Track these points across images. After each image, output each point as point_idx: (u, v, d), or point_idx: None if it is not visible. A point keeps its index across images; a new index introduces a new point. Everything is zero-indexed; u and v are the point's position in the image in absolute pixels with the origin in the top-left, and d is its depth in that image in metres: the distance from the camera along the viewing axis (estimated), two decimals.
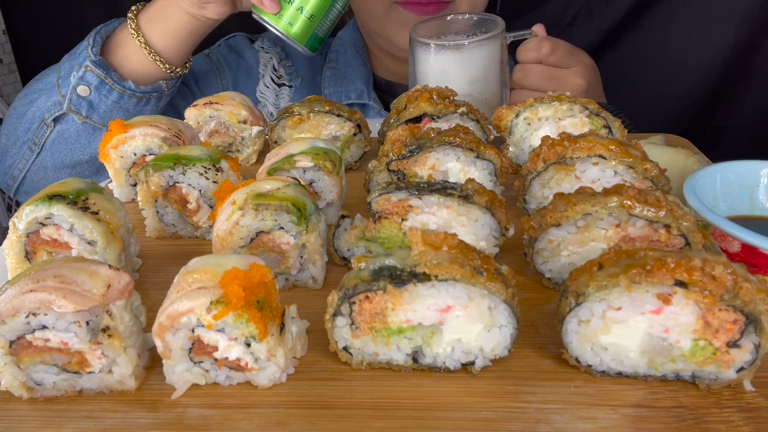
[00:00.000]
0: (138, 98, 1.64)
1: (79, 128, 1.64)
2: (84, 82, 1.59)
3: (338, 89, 1.97)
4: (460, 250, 0.78)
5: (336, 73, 2.00)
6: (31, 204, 0.95)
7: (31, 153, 1.68)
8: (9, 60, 2.92)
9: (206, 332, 0.77)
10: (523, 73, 1.63)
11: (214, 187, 1.12)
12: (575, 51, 1.65)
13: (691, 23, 2.24)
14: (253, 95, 1.98)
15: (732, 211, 1.06)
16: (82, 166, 1.69)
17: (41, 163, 1.69)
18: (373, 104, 1.96)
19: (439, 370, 0.82)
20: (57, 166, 1.69)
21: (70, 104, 1.61)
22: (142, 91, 1.64)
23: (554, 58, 1.60)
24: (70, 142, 1.66)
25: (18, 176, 1.72)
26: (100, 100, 1.61)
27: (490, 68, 1.58)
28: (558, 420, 0.74)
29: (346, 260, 1.06)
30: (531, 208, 1.14)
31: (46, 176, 1.70)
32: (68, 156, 1.68)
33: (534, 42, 1.61)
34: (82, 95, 1.60)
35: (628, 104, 1.71)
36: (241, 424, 0.75)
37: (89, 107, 1.62)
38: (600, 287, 0.75)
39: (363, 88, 1.96)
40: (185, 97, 1.90)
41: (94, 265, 0.79)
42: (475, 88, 1.59)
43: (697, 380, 0.78)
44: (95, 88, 1.60)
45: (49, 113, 1.63)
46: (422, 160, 1.15)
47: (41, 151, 1.67)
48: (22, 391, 0.79)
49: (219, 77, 1.98)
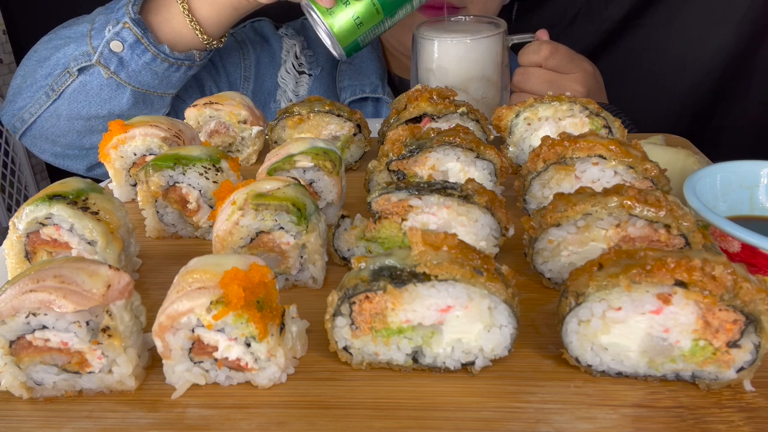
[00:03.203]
0: (170, 63, 1.62)
1: (103, 82, 1.61)
2: (119, 38, 1.56)
3: (353, 83, 2.00)
4: (460, 250, 0.78)
5: (352, 67, 2.02)
6: (31, 204, 0.95)
7: (47, 99, 1.65)
8: (9, 60, 2.92)
9: (206, 332, 0.77)
10: (523, 76, 1.64)
11: (214, 187, 1.12)
12: (576, 57, 1.65)
13: (691, 23, 2.24)
14: (273, 80, 1.99)
15: (732, 211, 1.06)
16: (96, 119, 1.67)
17: (55, 111, 1.66)
18: (386, 98, 1.99)
19: (439, 370, 0.82)
20: (72, 116, 1.66)
21: (100, 57, 1.57)
22: (175, 57, 1.62)
23: (553, 62, 1.60)
24: (91, 94, 1.63)
25: (28, 120, 1.69)
26: (131, 59, 1.58)
27: (490, 67, 1.59)
28: (558, 420, 0.74)
29: (346, 260, 1.06)
30: (531, 208, 1.14)
31: (58, 125, 1.68)
32: (85, 108, 1.65)
33: (534, 45, 1.62)
34: (114, 50, 1.57)
35: (628, 104, 1.71)
36: (241, 424, 0.75)
37: (119, 63, 1.59)
38: (600, 287, 0.75)
39: (377, 82, 1.99)
40: (210, 71, 1.91)
41: (94, 265, 0.79)
42: (474, 85, 1.60)
43: (697, 380, 0.78)
44: (129, 46, 1.57)
45: (75, 62, 1.60)
46: (422, 160, 1.15)
47: (58, 99, 1.64)
48: (22, 391, 0.79)
49: (242, 57, 1.98)
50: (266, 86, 1.99)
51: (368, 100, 1.99)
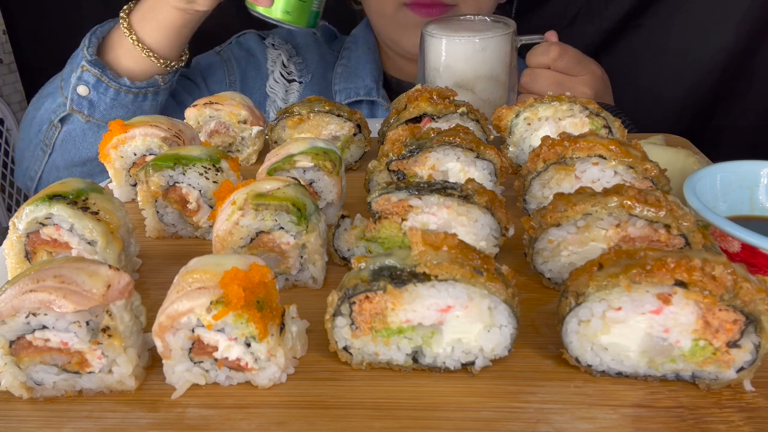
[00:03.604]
0: (135, 94, 1.68)
1: (84, 127, 1.70)
2: (83, 81, 1.64)
3: (348, 85, 2.00)
4: (460, 250, 0.78)
5: (347, 69, 2.03)
6: (31, 204, 0.95)
7: (44, 154, 1.75)
8: (9, 60, 2.92)
9: (206, 332, 0.77)
10: (531, 78, 1.63)
11: (214, 187, 1.12)
12: (584, 59, 1.65)
13: (691, 23, 2.24)
14: (262, 90, 2.01)
15: (732, 211, 1.06)
16: (92, 163, 1.74)
17: (53, 163, 1.75)
18: (381, 101, 1.98)
19: (439, 370, 0.82)
20: (67, 164, 1.75)
21: (72, 104, 1.66)
22: (137, 87, 1.67)
23: (562, 64, 1.60)
24: (77, 141, 1.72)
25: (35, 177, 1.79)
26: (98, 98, 1.66)
27: (498, 67, 1.58)
28: (558, 420, 0.74)
29: (346, 260, 1.06)
30: (531, 208, 1.14)
31: (60, 175, 1.75)
32: (76, 154, 1.73)
33: (543, 46, 1.62)
34: (82, 95, 1.65)
35: (628, 104, 1.71)
36: (241, 424, 0.75)
37: (90, 106, 1.67)
38: (600, 287, 0.75)
39: (372, 85, 1.98)
40: (192, 92, 1.94)
41: (94, 265, 0.79)
42: (481, 86, 1.59)
43: (697, 380, 0.78)
44: (93, 87, 1.64)
45: (54, 114, 1.69)
46: (422, 160, 1.15)
47: (52, 152, 1.74)
48: (22, 391, 0.79)
49: (227, 73, 2.01)
50: (254, 98, 1.99)
51: (363, 103, 1.99)
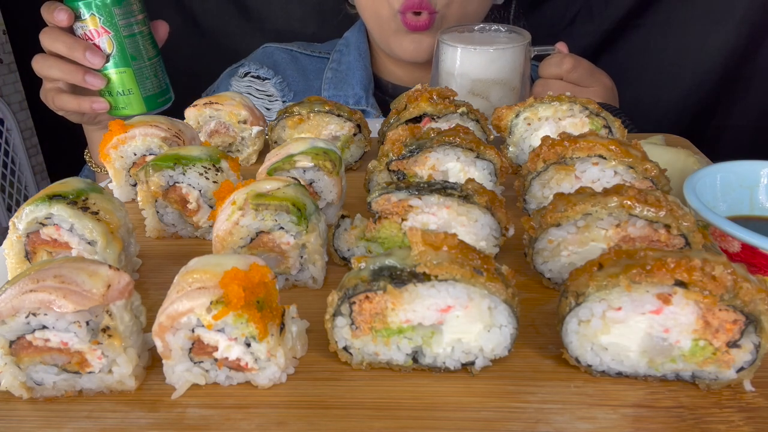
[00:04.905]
0: None
1: None
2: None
3: (337, 93, 1.98)
4: (460, 250, 0.77)
5: (337, 75, 2.01)
6: (31, 204, 0.95)
7: None
8: (9, 60, 2.92)
9: (206, 332, 0.77)
10: (544, 88, 1.63)
11: (214, 187, 1.12)
12: (596, 71, 1.66)
13: (691, 23, 2.24)
14: None
15: (732, 211, 1.06)
16: None
17: None
18: (371, 110, 1.96)
19: (439, 370, 0.82)
20: None
21: None
22: None
23: (574, 76, 1.61)
24: None
25: None
26: None
27: (511, 77, 1.59)
28: (558, 420, 0.74)
29: (346, 260, 1.06)
30: (531, 208, 1.14)
31: None
32: None
33: (556, 58, 1.62)
34: None
35: (629, 104, 1.71)
36: (241, 424, 0.75)
37: None
38: (600, 287, 0.75)
39: (362, 93, 1.96)
40: None
41: (94, 265, 0.79)
42: (494, 95, 1.59)
43: (697, 380, 0.78)
44: None
45: None
46: (422, 160, 1.15)
47: None
48: (22, 391, 0.79)
49: None
50: None
51: None
